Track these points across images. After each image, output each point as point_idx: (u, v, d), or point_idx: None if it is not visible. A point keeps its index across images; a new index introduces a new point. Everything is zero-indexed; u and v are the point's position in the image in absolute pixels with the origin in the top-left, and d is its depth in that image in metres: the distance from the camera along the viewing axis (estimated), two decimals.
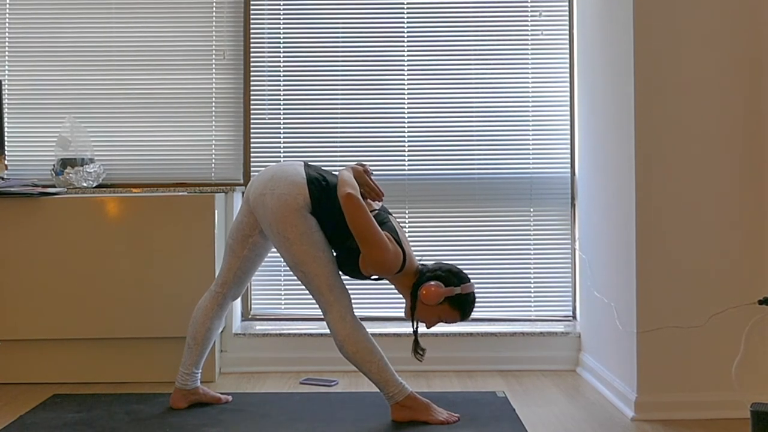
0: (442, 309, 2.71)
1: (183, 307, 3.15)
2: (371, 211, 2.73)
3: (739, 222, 2.80)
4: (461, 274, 2.75)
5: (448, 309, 2.71)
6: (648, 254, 2.79)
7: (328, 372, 3.44)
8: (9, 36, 3.67)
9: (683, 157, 2.79)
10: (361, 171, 2.75)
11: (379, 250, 2.60)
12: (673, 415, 2.76)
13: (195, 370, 2.90)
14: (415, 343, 2.76)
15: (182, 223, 3.27)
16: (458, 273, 2.74)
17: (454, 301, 2.70)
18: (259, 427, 2.69)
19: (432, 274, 2.71)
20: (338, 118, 3.68)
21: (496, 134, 3.66)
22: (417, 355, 2.76)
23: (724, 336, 2.77)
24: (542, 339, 3.53)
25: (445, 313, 2.72)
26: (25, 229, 3.24)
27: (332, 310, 2.69)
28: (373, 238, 2.59)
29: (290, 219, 2.66)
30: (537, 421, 2.75)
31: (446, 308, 2.71)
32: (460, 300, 2.71)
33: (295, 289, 3.63)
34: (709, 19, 2.80)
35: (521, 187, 3.65)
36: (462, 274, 2.75)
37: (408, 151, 3.67)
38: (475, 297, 2.76)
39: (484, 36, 3.67)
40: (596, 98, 3.30)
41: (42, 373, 3.28)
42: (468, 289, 2.72)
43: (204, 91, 3.67)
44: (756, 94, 2.80)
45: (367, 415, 2.80)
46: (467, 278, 2.75)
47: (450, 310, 2.72)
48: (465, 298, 2.72)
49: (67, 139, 3.49)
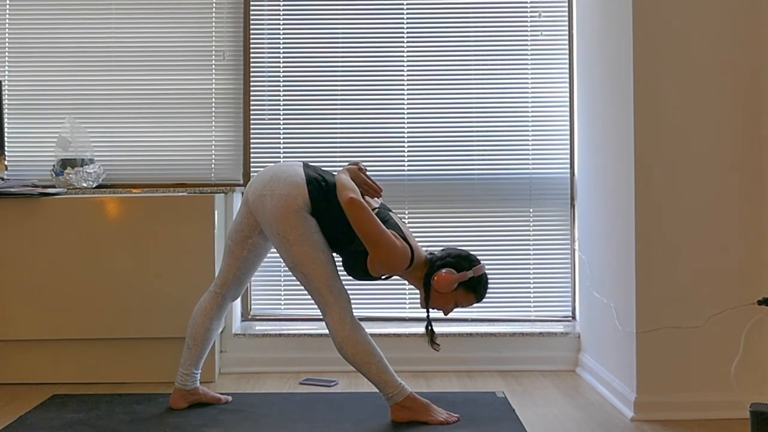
0: (456, 294, 2.73)
1: (183, 307, 3.15)
2: (372, 210, 2.73)
3: (738, 222, 2.80)
4: (471, 256, 2.77)
5: (462, 293, 2.73)
6: (647, 255, 2.79)
7: (327, 372, 3.44)
8: (9, 36, 3.67)
9: (682, 158, 2.79)
10: (357, 170, 2.74)
11: (387, 250, 2.60)
12: (672, 415, 2.76)
13: (195, 371, 2.91)
14: (431, 334, 2.78)
15: (182, 223, 3.27)
16: (468, 256, 2.76)
17: (467, 285, 2.72)
18: (259, 427, 2.69)
19: (442, 261, 2.73)
20: (338, 119, 3.68)
21: (495, 134, 3.66)
22: (434, 346, 2.78)
23: (724, 336, 2.77)
24: (542, 339, 3.53)
25: (461, 297, 2.74)
26: (25, 230, 3.25)
27: (331, 311, 2.69)
28: (380, 239, 2.59)
29: (290, 220, 2.66)
30: (536, 422, 2.75)
31: (461, 293, 2.73)
32: (474, 283, 2.73)
33: (294, 290, 3.64)
34: (708, 20, 2.80)
35: (521, 188, 3.65)
36: (471, 257, 2.77)
37: (408, 151, 3.67)
38: (487, 278, 2.78)
39: (484, 36, 3.67)
40: (596, 99, 3.31)
41: (42, 374, 3.29)
42: (480, 271, 2.73)
43: (204, 91, 3.68)
44: (755, 94, 2.80)
45: (366, 416, 2.80)
46: (477, 260, 2.77)
47: (465, 295, 2.74)
48: (478, 280, 2.74)
49: (67, 140, 3.49)
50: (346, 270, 2.82)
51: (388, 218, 2.74)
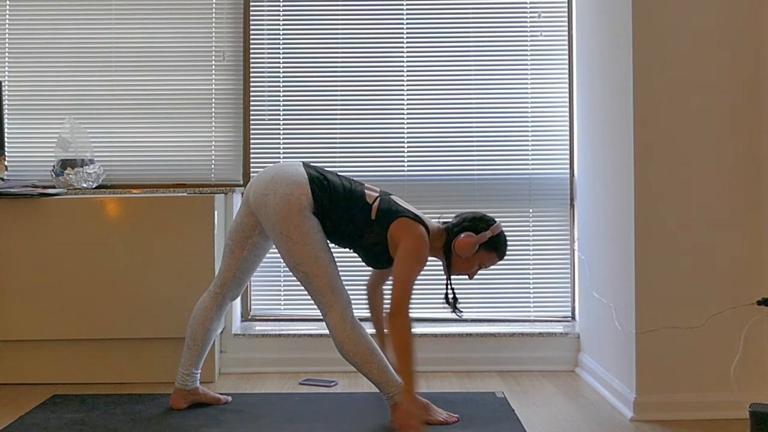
0: (479, 256, 2.80)
1: (182, 307, 3.16)
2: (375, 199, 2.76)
3: (737, 223, 2.80)
4: (486, 217, 2.83)
5: (484, 254, 2.80)
6: (646, 255, 2.79)
7: (327, 372, 3.44)
8: (9, 37, 3.67)
9: (681, 158, 2.80)
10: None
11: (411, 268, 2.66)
12: (671, 415, 2.76)
13: (194, 371, 2.91)
14: (454, 300, 2.84)
15: (182, 223, 3.27)
16: (483, 217, 2.83)
17: (489, 245, 2.79)
18: (259, 427, 2.69)
19: (459, 227, 2.79)
20: (338, 120, 3.69)
21: (495, 135, 3.67)
22: (458, 312, 2.86)
23: (723, 337, 2.77)
24: (541, 339, 3.53)
25: (483, 258, 2.81)
26: (25, 230, 3.25)
27: (332, 311, 2.69)
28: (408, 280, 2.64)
29: (293, 219, 2.67)
30: (536, 422, 2.76)
31: (483, 254, 2.80)
32: (494, 242, 2.80)
33: (294, 290, 3.64)
34: (707, 21, 2.80)
35: (520, 188, 3.66)
36: (487, 217, 2.83)
37: (407, 151, 3.67)
38: (505, 235, 2.84)
39: (484, 37, 3.68)
40: (595, 99, 3.31)
41: (42, 374, 3.29)
42: (497, 230, 2.80)
43: (204, 92, 3.68)
44: (754, 94, 2.81)
45: (366, 416, 2.81)
46: (493, 219, 2.83)
47: (487, 255, 2.81)
48: (497, 238, 2.80)
49: (67, 140, 3.50)
50: (368, 263, 2.86)
51: (392, 204, 2.77)
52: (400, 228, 2.71)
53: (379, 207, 2.74)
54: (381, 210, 2.74)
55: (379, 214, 2.73)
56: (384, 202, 2.76)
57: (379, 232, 2.73)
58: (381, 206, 2.74)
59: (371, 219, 2.73)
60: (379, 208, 2.74)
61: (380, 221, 2.72)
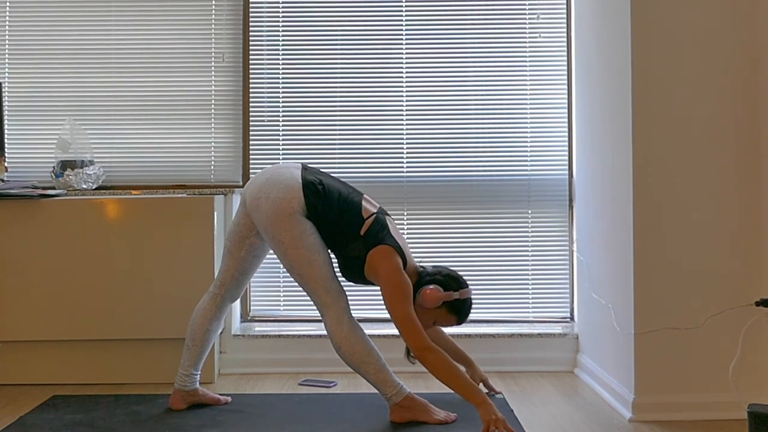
0: (438, 313, 2.76)
1: (182, 308, 3.16)
2: (370, 215, 2.75)
3: (736, 223, 2.81)
4: (460, 279, 2.79)
5: (444, 313, 2.77)
6: (645, 256, 2.80)
7: (327, 373, 3.44)
8: (9, 38, 3.68)
9: (680, 159, 2.80)
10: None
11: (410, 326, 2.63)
12: (670, 416, 2.77)
13: (194, 372, 2.91)
14: (408, 349, 2.78)
15: (181, 224, 3.28)
16: (457, 278, 2.78)
17: (452, 306, 2.76)
18: (258, 428, 2.70)
19: (431, 277, 2.75)
20: (337, 121, 3.69)
21: (494, 136, 3.67)
22: (410, 358, 2.80)
23: (722, 337, 2.78)
24: (540, 340, 3.54)
25: (442, 317, 2.78)
26: (25, 231, 3.25)
27: (329, 312, 2.70)
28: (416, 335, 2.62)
29: (284, 223, 2.67)
30: (535, 422, 2.76)
31: (443, 312, 2.76)
32: (458, 305, 2.76)
33: (294, 291, 3.64)
34: (706, 22, 2.81)
35: (519, 189, 3.66)
36: (461, 280, 2.79)
37: (406, 153, 3.68)
38: (472, 303, 2.81)
39: (482, 38, 3.68)
40: (594, 100, 3.32)
41: (42, 375, 3.29)
42: (466, 295, 2.76)
43: (203, 93, 3.68)
44: (754, 95, 2.81)
45: (365, 416, 2.81)
46: (466, 284, 2.79)
47: (446, 315, 2.77)
48: (462, 303, 2.77)
49: (67, 141, 3.50)
50: (342, 271, 2.83)
51: (385, 226, 2.75)
52: (378, 255, 2.68)
53: (371, 225, 2.72)
54: (371, 229, 2.72)
55: (368, 232, 2.71)
56: (377, 222, 2.74)
57: (361, 249, 2.72)
58: (373, 225, 2.72)
59: (359, 234, 2.72)
60: (371, 227, 2.72)
61: (366, 240, 2.71)
